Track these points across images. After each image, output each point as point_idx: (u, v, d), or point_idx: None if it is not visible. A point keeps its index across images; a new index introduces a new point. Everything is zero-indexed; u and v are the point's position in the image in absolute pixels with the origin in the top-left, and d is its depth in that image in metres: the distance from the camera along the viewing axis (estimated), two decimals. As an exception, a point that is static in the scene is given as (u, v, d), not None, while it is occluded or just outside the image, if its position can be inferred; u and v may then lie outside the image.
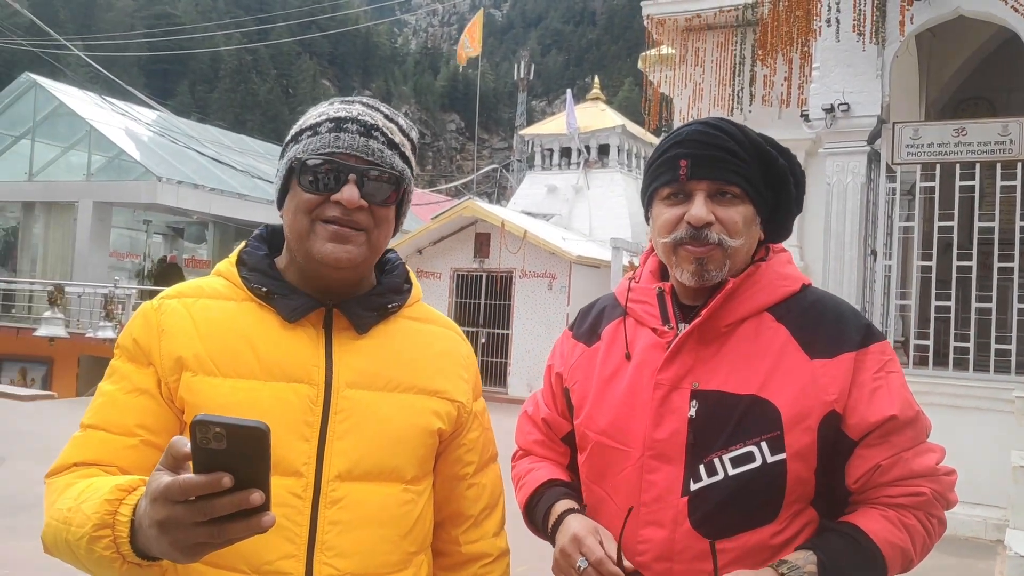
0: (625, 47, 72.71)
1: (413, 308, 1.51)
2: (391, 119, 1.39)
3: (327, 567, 1.27)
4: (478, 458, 1.53)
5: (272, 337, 1.34)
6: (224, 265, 1.44)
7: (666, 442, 1.43)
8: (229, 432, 0.90)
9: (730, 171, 1.44)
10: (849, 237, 7.52)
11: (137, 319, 1.38)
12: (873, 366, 1.42)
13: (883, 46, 7.48)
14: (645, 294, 1.57)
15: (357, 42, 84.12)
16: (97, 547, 1.08)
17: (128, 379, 1.33)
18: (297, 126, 1.39)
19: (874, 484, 1.40)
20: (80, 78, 28.13)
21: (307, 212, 1.33)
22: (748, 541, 1.38)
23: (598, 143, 21.65)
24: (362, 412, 1.34)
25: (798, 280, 1.52)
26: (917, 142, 7.46)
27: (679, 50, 10.52)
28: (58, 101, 22.95)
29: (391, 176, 1.35)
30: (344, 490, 1.30)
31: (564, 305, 16.10)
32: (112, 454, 1.27)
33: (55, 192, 22.46)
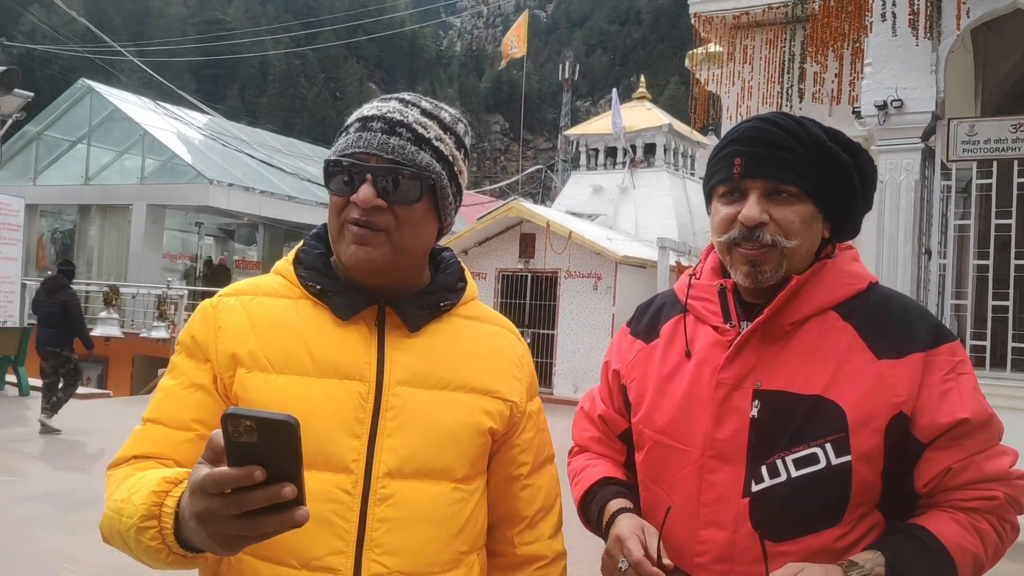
0: (671, 46, 72.21)
1: (468, 306, 1.50)
2: (429, 113, 1.37)
3: (376, 564, 1.27)
4: (532, 459, 1.51)
5: (325, 334, 1.35)
6: (282, 263, 1.45)
7: (727, 442, 1.41)
8: (259, 425, 0.91)
9: (786, 169, 1.40)
10: (903, 236, 7.38)
11: (197, 317, 1.41)
12: (943, 367, 1.39)
13: (938, 41, 7.33)
14: (706, 291, 1.54)
15: (403, 45, 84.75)
16: (144, 537, 1.10)
17: (186, 375, 1.36)
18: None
19: (944, 487, 1.37)
20: (134, 83, 28.77)
21: (336, 214, 1.34)
22: (811, 544, 1.36)
23: (644, 142, 21.50)
24: (412, 410, 1.34)
25: (865, 278, 1.48)
26: (973, 139, 7.29)
27: (727, 48, 10.42)
28: (113, 106, 23.49)
29: (413, 173, 1.32)
30: (393, 487, 1.30)
31: (610, 305, 16.04)
32: (169, 447, 1.30)
33: (110, 195, 22.98)
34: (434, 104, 1.41)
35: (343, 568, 1.26)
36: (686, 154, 22.14)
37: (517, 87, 52.00)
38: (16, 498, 6.67)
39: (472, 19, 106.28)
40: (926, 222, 7.57)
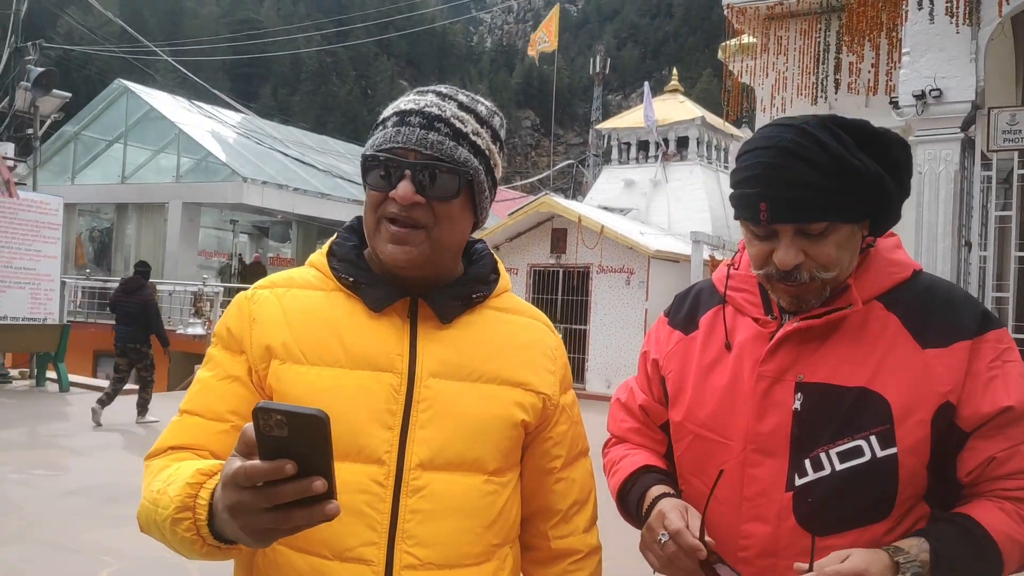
0: (703, 38, 71.62)
1: (500, 298, 1.49)
2: (466, 107, 1.37)
3: (408, 555, 1.28)
4: (566, 452, 1.50)
5: (358, 326, 1.35)
6: (316, 256, 1.46)
7: (769, 435, 1.39)
8: (290, 419, 0.92)
9: (815, 209, 1.34)
10: (942, 228, 7.25)
11: (232, 309, 1.42)
12: (989, 355, 1.35)
13: (978, 28, 7.18)
14: (746, 282, 1.52)
15: (433, 41, 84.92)
16: (179, 529, 1.12)
17: (221, 366, 1.37)
18: (379, 119, 1.39)
19: (988, 477, 1.34)
20: (168, 83, 29.13)
21: (373, 209, 1.34)
22: (859, 538, 1.33)
23: (676, 135, 21.35)
24: (444, 402, 1.34)
25: (908, 266, 1.45)
26: (1014, 128, 7.14)
27: (760, 39, 10.29)
28: (148, 106, 23.82)
29: (452, 169, 1.31)
30: (425, 479, 1.30)
31: (642, 300, 15.96)
32: (205, 438, 1.31)
33: (146, 194, 23.32)
34: (471, 97, 1.40)
35: (375, 559, 1.27)
36: (719, 147, 21.94)
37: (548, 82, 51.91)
38: (57, 492, 6.79)
39: (502, 14, 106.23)
40: (966, 213, 7.42)
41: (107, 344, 19.38)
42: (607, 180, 22.05)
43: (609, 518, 1.65)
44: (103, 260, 26.69)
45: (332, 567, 1.26)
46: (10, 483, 7.00)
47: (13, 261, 12.47)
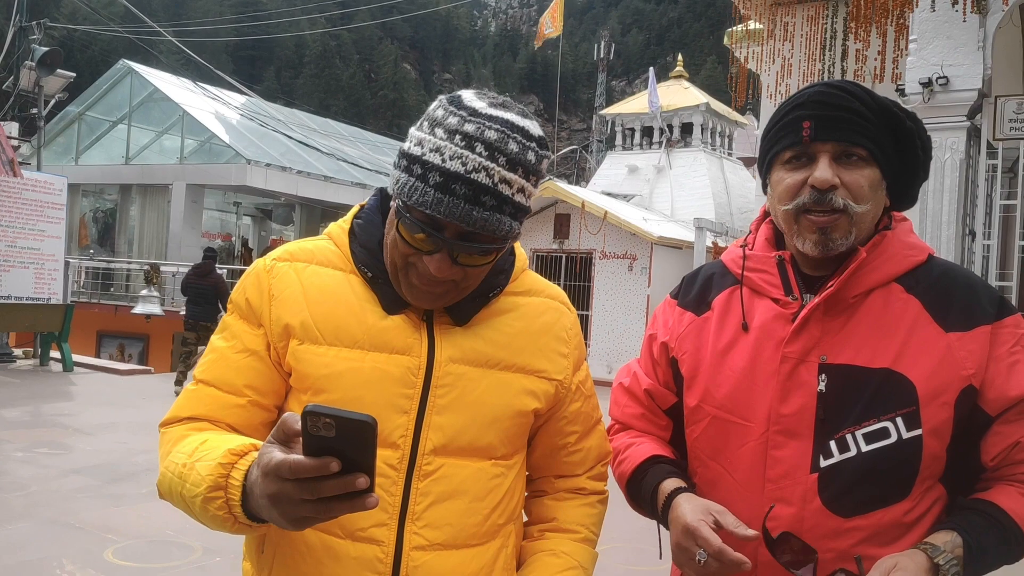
0: (708, 25, 71.30)
1: (518, 282, 1.48)
2: (516, 162, 1.25)
3: (417, 537, 1.30)
4: (581, 428, 1.51)
5: (378, 309, 1.35)
6: (337, 230, 1.44)
7: (794, 417, 1.38)
8: (338, 424, 0.94)
9: (856, 132, 1.37)
10: (947, 216, 7.25)
11: (250, 277, 1.41)
12: (1009, 340, 1.37)
13: (985, 16, 7.15)
14: (763, 262, 1.50)
15: (437, 26, 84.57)
16: (211, 507, 1.14)
17: (239, 338, 1.37)
18: (416, 141, 1.28)
19: (1012, 461, 1.36)
20: (172, 64, 29.04)
21: (403, 256, 1.31)
22: (882, 519, 1.35)
23: (680, 122, 21.29)
24: (463, 388, 1.34)
25: (924, 250, 1.46)
26: (1020, 117, 7.13)
27: (767, 25, 10.24)
28: (153, 87, 23.78)
29: (491, 240, 1.28)
30: (437, 463, 1.32)
31: (645, 287, 15.97)
32: (222, 411, 1.32)
33: (150, 175, 23.32)
34: (522, 143, 1.26)
35: (386, 540, 1.29)
36: (724, 134, 21.89)
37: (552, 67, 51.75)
38: (61, 471, 6.82)
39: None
40: (971, 202, 7.42)
41: (108, 324, 19.54)
42: (610, 166, 22.01)
43: (614, 504, 1.64)
44: (106, 241, 26.72)
45: (344, 545, 1.29)
46: (14, 462, 7.04)
47: (17, 241, 12.48)
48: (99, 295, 21.03)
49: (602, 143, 31.04)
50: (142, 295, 16.55)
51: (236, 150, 22.20)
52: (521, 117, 1.30)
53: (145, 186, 23.86)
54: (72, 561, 4.71)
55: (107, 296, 21.26)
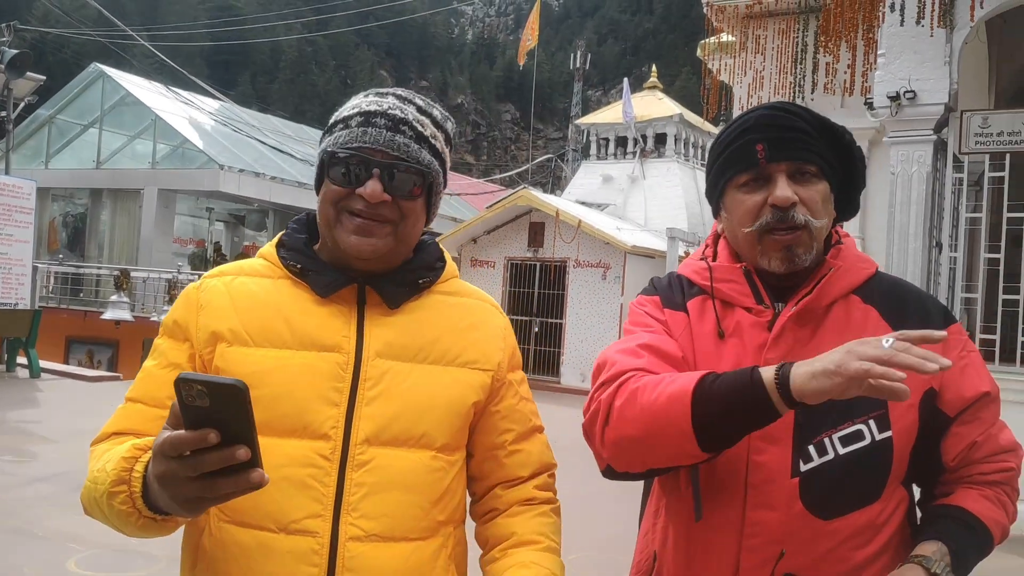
0: (683, 36, 71.80)
1: (447, 284, 1.54)
2: (424, 111, 1.44)
3: (353, 527, 1.31)
4: (517, 426, 1.52)
5: (305, 310, 1.40)
6: (267, 248, 1.51)
7: (774, 423, 1.38)
8: (210, 389, 0.95)
9: (806, 150, 1.45)
10: (913, 228, 7.34)
11: (180, 299, 1.47)
12: (957, 346, 1.47)
13: (951, 32, 7.26)
14: (731, 273, 1.53)
15: (414, 33, 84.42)
16: (115, 502, 1.17)
17: (164, 355, 1.42)
18: (334, 117, 1.44)
19: (969, 461, 1.44)
20: (146, 68, 28.76)
21: (334, 203, 1.39)
22: (859, 520, 1.40)
23: (655, 132, 21.42)
24: (391, 380, 1.39)
25: (872, 263, 1.55)
26: (986, 131, 7.24)
27: (739, 37, 10.35)
28: (125, 91, 23.59)
29: (417, 170, 1.39)
30: (371, 453, 1.34)
31: (618, 295, 16.02)
32: (147, 424, 1.36)
33: (121, 180, 23.10)
34: (425, 101, 1.46)
35: (321, 531, 1.30)
36: (697, 144, 22.05)
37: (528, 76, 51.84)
38: (25, 479, 6.72)
39: (483, 7, 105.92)
40: (937, 215, 7.52)
41: (77, 330, 19.27)
42: (585, 175, 22.09)
43: (577, 513, 1.63)
44: (76, 246, 26.41)
45: (278, 540, 1.29)
46: (-23, 469, 6.92)
47: (-16, 245, 12.30)
48: (68, 300, 20.76)
49: (577, 152, 31.13)
50: (112, 301, 16.40)
51: (209, 155, 22.06)
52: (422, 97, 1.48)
53: (116, 191, 23.63)
54: (34, 570, 4.64)
55: (76, 301, 20.99)
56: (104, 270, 21.30)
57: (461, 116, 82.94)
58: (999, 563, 1.56)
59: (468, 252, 18.13)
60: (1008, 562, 5.73)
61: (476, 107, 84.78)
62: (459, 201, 30.54)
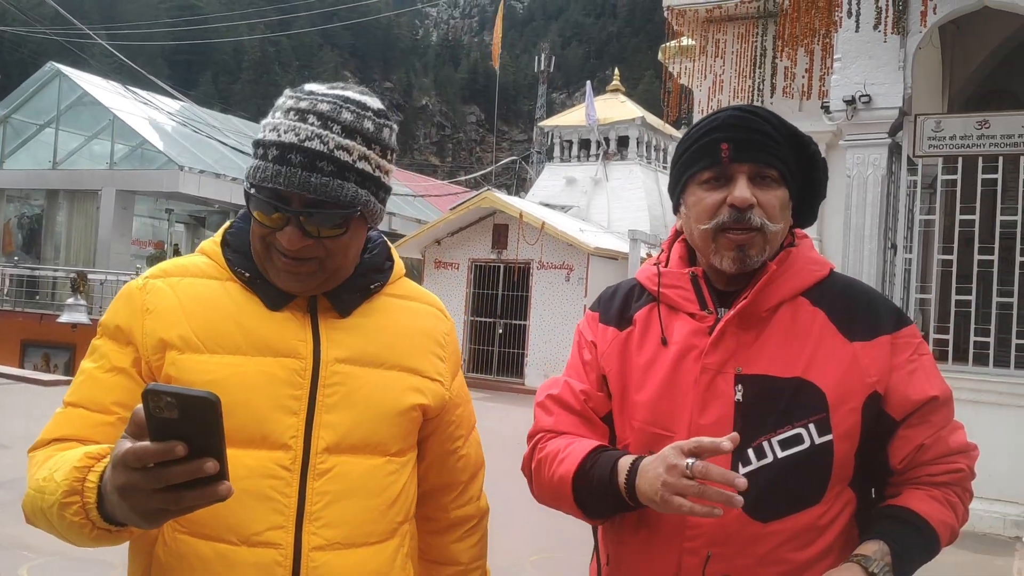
0: (646, 39, 72.25)
1: (396, 285, 1.51)
2: (351, 129, 1.30)
3: (316, 537, 1.29)
4: (466, 430, 1.59)
5: (258, 315, 1.35)
6: (209, 244, 1.44)
7: (713, 427, 1.41)
8: (180, 402, 0.92)
9: (769, 154, 1.46)
10: (869, 230, 7.46)
11: (121, 299, 1.39)
12: (907, 349, 1.47)
13: (905, 37, 7.40)
14: (678, 279, 1.55)
15: (378, 34, 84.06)
16: (67, 513, 1.10)
17: (107, 358, 1.34)
18: (260, 127, 1.34)
19: (917, 463, 1.45)
20: (104, 68, 28.33)
21: (260, 237, 1.33)
22: (798, 523, 1.40)
23: (617, 135, 21.57)
24: (351, 386, 1.36)
25: (826, 265, 1.54)
26: (939, 135, 7.39)
27: (699, 41, 10.46)
28: (82, 90, 23.18)
29: (339, 211, 1.30)
30: (332, 462, 1.32)
31: (581, 297, 16.08)
32: (90, 430, 1.29)
33: (78, 180, 22.70)
34: (356, 112, 1.32)
35: (283, 542, 1.28)
36: (659, 147, 22.24)
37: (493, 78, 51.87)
38: (-24, 485, 6.58)
39: (448, 9, 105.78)
40: (892, 217, 7.65)
41: (33, 333, 18.92)
42: (549, 177, 22.17)
43: (540, 512, 1.65)
44: (32, 247, 25.91)
45: (239, 552, 1.26)
46: (-73, 476, 6.76)
47: (-66, 247, 12.04)
48: (24, 303, 20.37)
49: (542, 154, 31.23)
50: (68, 303, 16.12)
51: (169, 156, 21.77)
52: (359, 94, 1.36)
53: (73, 192, 23.21)
54: (-16, 579, 4.55)
55: (32, 304, 20.59)
56: (60, 272, 20.92)
57: (426, 118, 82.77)
58: (946, 558, 1.58)
59: (432, 254, 18.09)
60: (961, 557, 5.84)
61: (441, 109, 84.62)
62: (423, 203, 30.47)
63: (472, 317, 17.73)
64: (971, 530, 6.50)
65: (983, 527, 6.63)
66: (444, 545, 1.60)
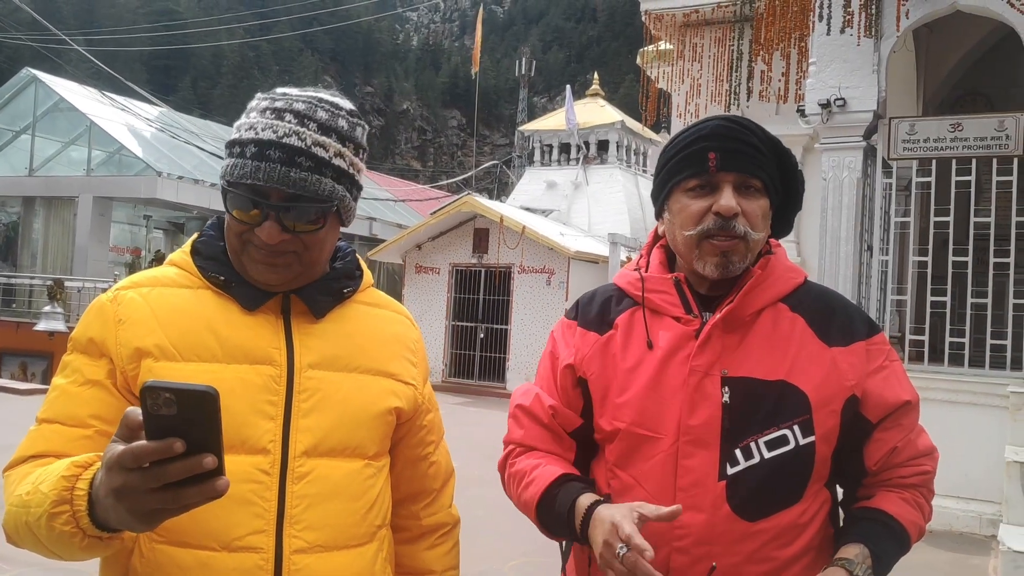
0: (626, 43, 72.47)
1: (366, 293, 1.55)
2: (327, 127, 1.35)
3: (297, 540, 1.31)
4: (436, 437, 1.62)
5: (232, 322, 1.36)
6: (178, 255, 1.45)
7: (701, 428, 1.46)
8: (179, 397, 0.92)
9: (754, 165, 1.50)
10: (845, 232, 7.51)
11: (91, 313, 1.38)
12: (880, 355, 1.54)
13: (879, 41, 7.46)
14: (661, 284, 1.59)
15: (359, 38, 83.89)
16: (56, 523, 1.09)
17: (80, 372, 1.34)
18: (234, 129, 1.37)
19: (890, 465, 1.52)
20: (82, 74, 28.13)
21: (237, 235, 1.35)
22: (782, 521, 1.45)
23: (597, 139, 21.64)
24: (325, 391, 1.38)
25: (801, 273, 1.61)
26: (913, 137, 7.45)
27: (677, 46, 10.51)
28: (58, 96, 22.98)
29: (317, 205, 1.34)
30: (310, 465, 1.34)
31: (562, 300, 16.09)
32: (68, 445, 1.27)
33: (55, 187, 22.49)
34: (330, 111, 1.37)
35: (264, 546, 1.29)
36: (638, 151, 22.33)
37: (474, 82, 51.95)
38: (-51, 496, 6.51)
39: (429, 13, 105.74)
40: (868, 219, 7.70)
41: (9, 342, 18.72)
42: (529, 181, 22.20)
43: (519, 517, 1.66)
44: (8, 255, 25.67)
45: (220, 558, 1.27)
46: (-102, 487, 6.68)
47: (-93, 255, 11.90)
48: (0, 311, 20.16)
49: (523, 159, 31.28)
50: (45, 311, 15.95)
51: (147, 162, 21.60)
52: (331, 95, 1.40)
53: (50, 198, 23.00)
54: (-44, 592, 4.49)
55: (8, 312, 20.37)
56: (37, 280, 20.71)
57: (407, 122, 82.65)
58: (922, 557, 1.62)
59: (413, 258, 18.06)
60: (939, 556, 5.87)
61: (422, 113, 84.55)
62: (404, 207, 30.41)
63: (453, 322, 17.70)
64: (948, 529, 6.55)
65: (959, 526, 6.67)
66: (417, 553, 1.61)
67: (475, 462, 8.42)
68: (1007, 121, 7.17)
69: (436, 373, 17.38)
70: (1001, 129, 7.15)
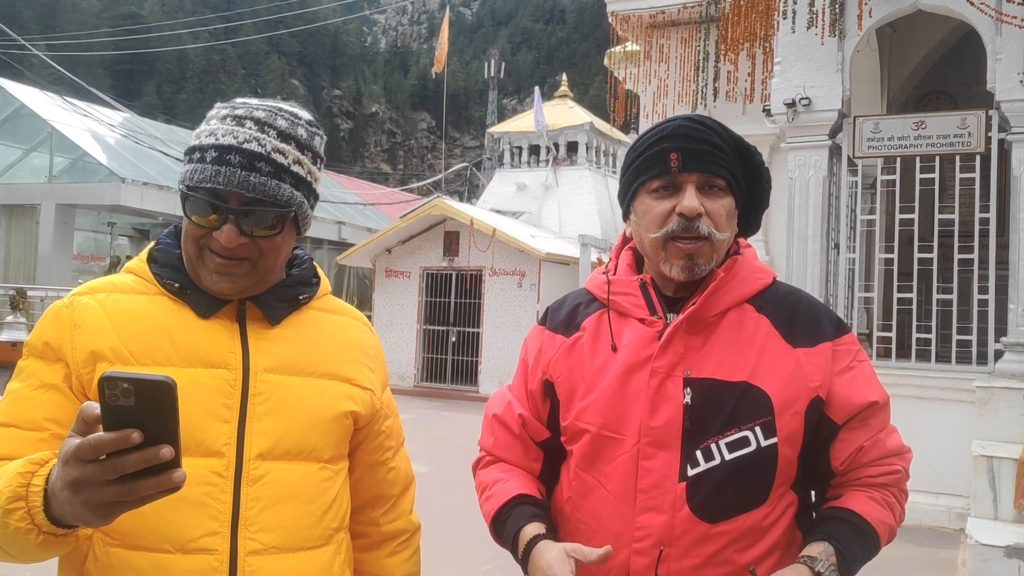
0: (595, 45, 72.76)
1: (323, 300, 1.55)
2: (286, 135, 1.38)
3: (252, 542, 1.32)
4: (396, 443, 1.62)
5: (187, 327, 1.37)
6: (135, 263, 1.46)
7: (662, 429, 1.46)
8: (137, 387, 0.93)
9: (717, 164, 1.49)
10: (812, 231, 7.57)
11: (47, 318, 1.39)
12: (847, 356, 1.53)
13: (843, 40, 7.52)
14: (627, 286, 1.60)
15: (326, 41, 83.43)
16: (11, 520, 1.10)
17: (35, 376, 1.34)
18: (193, 136, 1.39)
19: (857, 465, 1.50)
20: (43, 80, 27.72)
21: (194, 240, 1.37)
22: (744, 523, 1.44)
23: (566, 140, 21.68)
24: (280, 395, 1.39)
25: (770, 273, 1.60)
26: (878, 136, 7.52)
27: (644, 46, 10.53)
28: (19, 102, 22.61)
29: (275, 210, 1.36)
30: (265, 468, 1.35)
31: (534, 303, 16.08)
32: (23, 448, 1.27)
33: (16, 195, 22.11)
34: (290, 120, 1.40)
35: (219, 548, 1.30)
36: (608, 152, 22.40)
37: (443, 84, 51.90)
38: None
39: (396, 15, 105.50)
40: (834, 217, 7.77)
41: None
42: (500, 183, 22.18)
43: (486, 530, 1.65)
44: (-31, 264, 25.20)
45: (175, 560, 1.27)
46: None
47: None
48: (-40, 322, 19.78)
49: (493, 161, 31.30)
50: (7, 321, 15.64)
51: (110, 169, 21.29)
52: (290, 106, 1.44)
53: (11, 206, 22.59)
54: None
55: (-30, 323, 19.99)
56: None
57: (376, 125, 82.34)
58: (892, 552, 1.63)
59: (383, 263, 17.96)
60: (908, 551, 5.92)
61: (391, 116, 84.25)
62: (374, 211, 30.26)
63: (425, 326, 17.63)
64: (917, 524, 6.60)
65: (928, 520, 6.74)
66: (377, 560, 1.61)
67: (449, 465, 8.35)
68: (969, 119, 7.26)
69: (408, 378, 17.30)
70: (964, 127, 7.24)
